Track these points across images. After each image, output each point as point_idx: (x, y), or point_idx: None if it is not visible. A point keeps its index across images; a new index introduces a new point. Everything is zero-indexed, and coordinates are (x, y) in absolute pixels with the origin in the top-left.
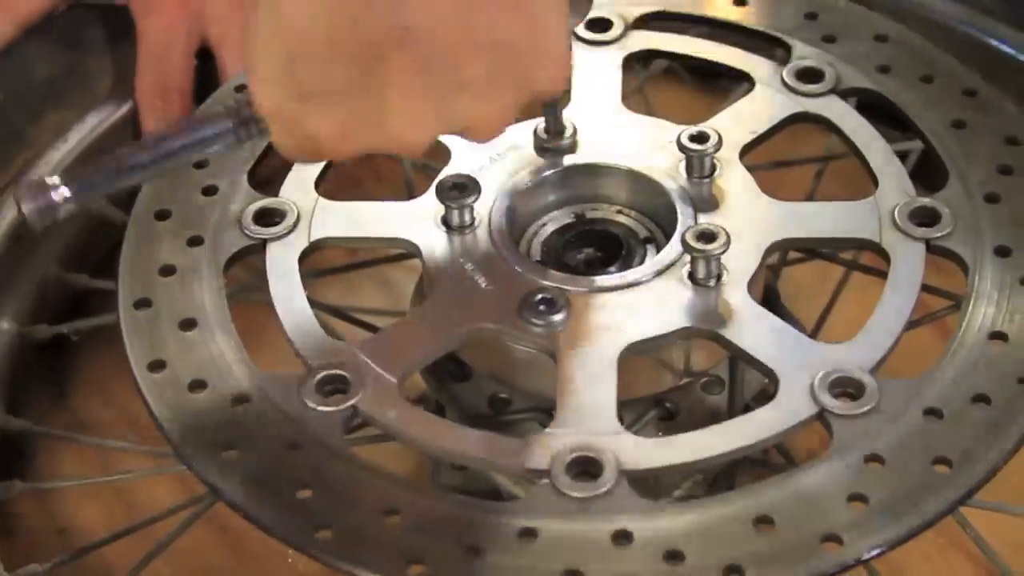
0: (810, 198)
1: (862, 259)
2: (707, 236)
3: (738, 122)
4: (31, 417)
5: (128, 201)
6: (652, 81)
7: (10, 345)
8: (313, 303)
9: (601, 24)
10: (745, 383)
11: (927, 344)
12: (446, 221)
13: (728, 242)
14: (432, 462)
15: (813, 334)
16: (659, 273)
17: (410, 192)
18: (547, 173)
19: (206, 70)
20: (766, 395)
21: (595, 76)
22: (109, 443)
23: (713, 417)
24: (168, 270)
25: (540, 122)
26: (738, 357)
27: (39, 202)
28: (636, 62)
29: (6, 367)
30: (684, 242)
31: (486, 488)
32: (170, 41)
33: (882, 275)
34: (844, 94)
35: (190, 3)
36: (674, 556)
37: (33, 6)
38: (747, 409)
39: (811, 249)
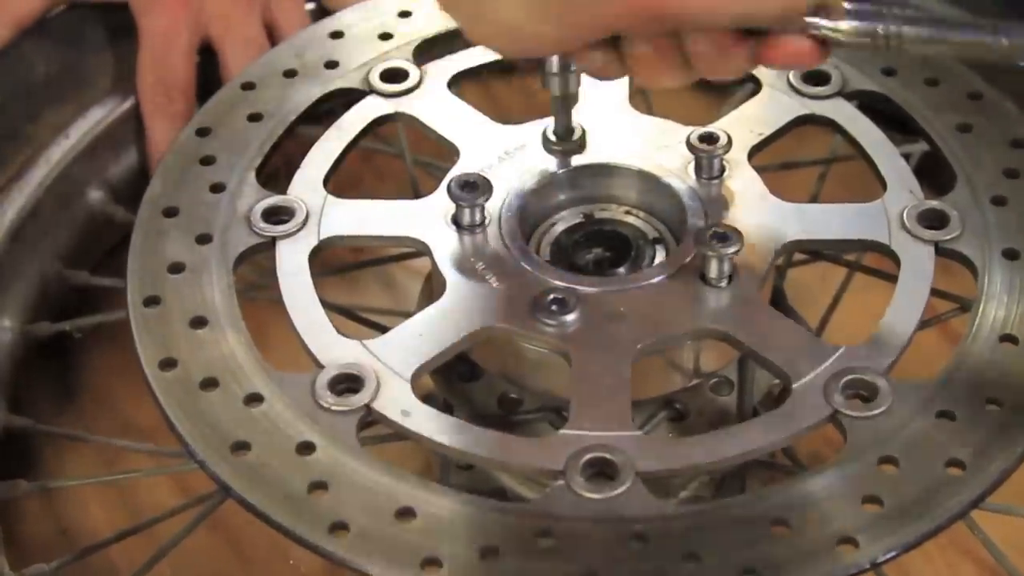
0: (814, 200)
1: (866, 261)
2: (721, 236)
3: (745, 124)
4: (34, 415)
5: (130, 198)
6: None
7: (12, 343)
8: (321, 302)
9: None
10: (753, 385)
11: (934, 347)
12: (456, 220)
13: (742, 243)
14: (441, 462)
15: (817, 335)
16: (670, 273)
17: (415, 191)
18: (556, 173)
19: (208, 68)
20: (772, 398)
21: None
22: (114, 442)
23: (723, 418)
24: (177, 267)
25: (549, 122)
26: (750, 358)
27: None
28: None
29: (8, 365)
30: (698, 242)
31: (492, 489)
32: (172, 40)
33: (885, 277)
34: (850, 97)
35: (191, 2)
36: (690, 558)
37: (30, 7)
38: (755, 412)
39: (818, 251)
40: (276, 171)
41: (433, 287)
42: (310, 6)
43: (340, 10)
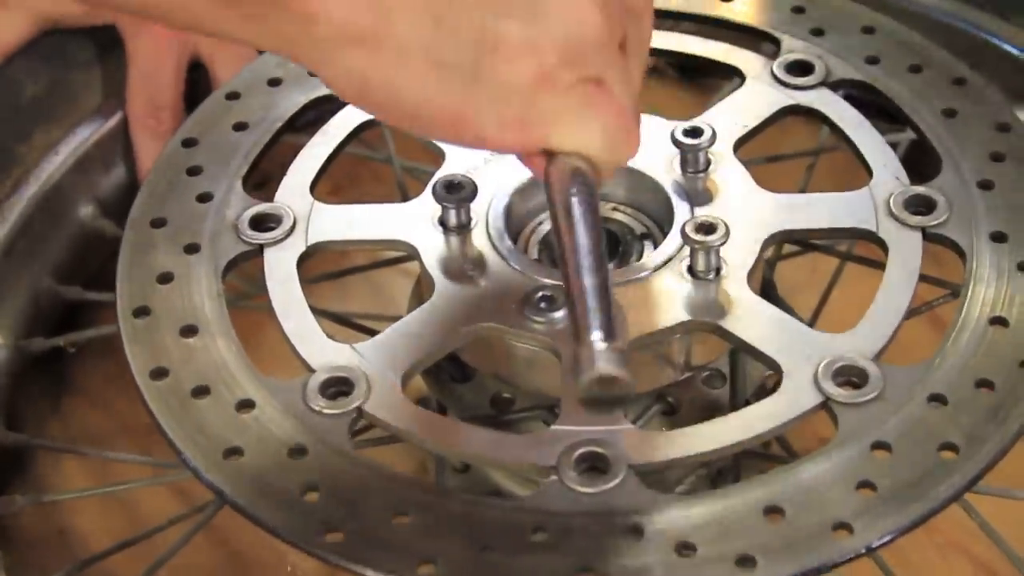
0: (802, 192)
1: (855, 250)
2: (706, 228)
3: (730, 116)
4: (28, 430)
5: (120, 213)
6: None
7: (6, 359)
8: (311, 308)
9: None
10: (746, 376)
11: (924, 333)
12: (443, 222)
13: (727, 233)
14: (436, 463)
15: (809, 326)
16: (658, 268)
17: (403, 194)
18: None
19: (198, 84)
20: (764, 389)
21: None
22: (109, 455)
23: (714, 411)
24: (166, 277)
25: None
26: (741, 349)
27: None
28: None
29: (3, 380)
30: (684, 234)
31: (488, 489)
32: (160, 60)
33: (875, 265)
34: (834, 86)
35: None
36: (686, 548)
37: (16, 34)
38: (748, 404)
39: (807, 241)
40: (268, 178)
41: (422, 289)
42: None
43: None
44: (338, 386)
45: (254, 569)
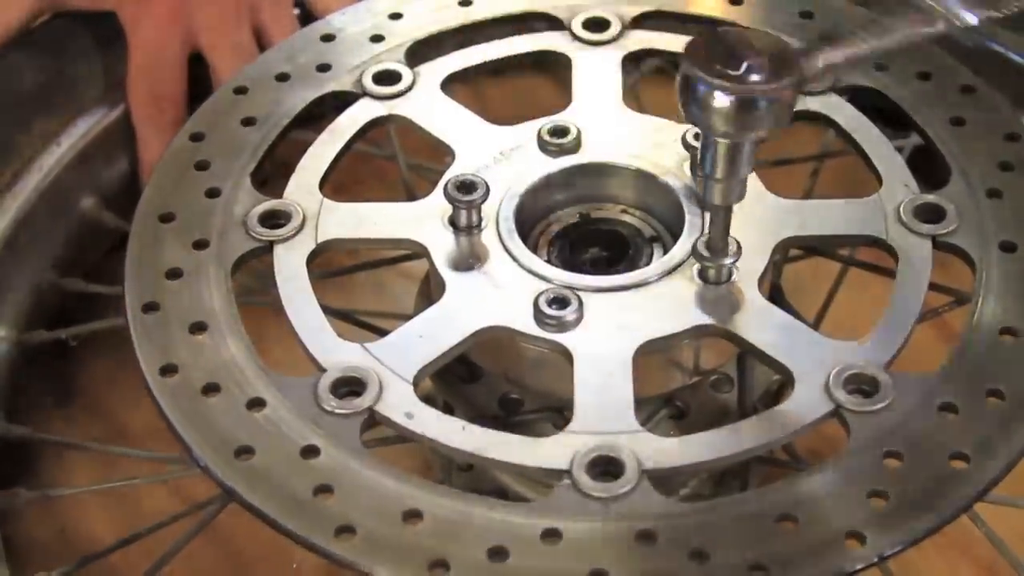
0: (807, 196)
1: (860, 255)
2: (719, 249)
3: None
4: (28, 421)
5: (121, 204)
6: (643, 81)
7: (8, 352)
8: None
9: (599, 24)
10: (753, 381)
11: (928, 338)
12: (453, 221)
13: (739, 252)
14: (443, 463)
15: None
16: (669, 272)
17: (409, 194)
18: (552, 173)
19: (199, 76)
20: (770, 395)
21: (595, 76)
22: (114, 450)
23: (723, 415)
24: (175, 273)
25: (544, 123)
26: (752, 354)
27: None
28: (632, 62)
29: (4, 374)
30: (696, 252)
31: (492, 489)
32: (162, 51)
33: (879, 271)
34: (843, 92)
35: (180, 13)
36: (699, 555)
37: (16, 17)
38: (755, 409)
39: (816, 247)
40: (268, 175)
41: (431, 289)
42: (295, 12)
43: (326, 15)
44: (350, 386)
45: (255, 567)
